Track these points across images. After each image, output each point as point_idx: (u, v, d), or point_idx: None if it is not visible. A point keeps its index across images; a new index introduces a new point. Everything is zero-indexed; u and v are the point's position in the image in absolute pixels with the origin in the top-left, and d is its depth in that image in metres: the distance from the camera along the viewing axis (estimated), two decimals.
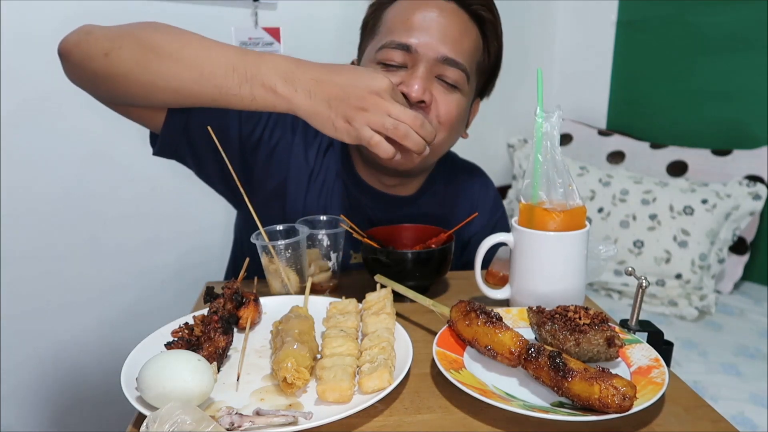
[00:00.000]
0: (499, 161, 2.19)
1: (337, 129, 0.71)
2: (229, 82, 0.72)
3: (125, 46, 0.73)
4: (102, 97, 0.82)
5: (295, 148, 0.98)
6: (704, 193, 1.69)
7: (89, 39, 0.76)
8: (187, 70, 0.73)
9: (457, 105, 0.89)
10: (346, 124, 0.71)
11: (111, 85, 0.76)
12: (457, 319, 0.64)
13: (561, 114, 0.70)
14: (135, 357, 0.61)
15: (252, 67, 0.72)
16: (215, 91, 0.73)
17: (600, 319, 0.60)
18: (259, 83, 0.71)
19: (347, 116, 0.70)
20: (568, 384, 0.52)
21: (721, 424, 0.54)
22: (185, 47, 0.73)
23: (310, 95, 0.71)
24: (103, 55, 0.74)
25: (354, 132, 0.70)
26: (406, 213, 1.02)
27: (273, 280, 0.81)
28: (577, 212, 0.71)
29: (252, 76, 0.72)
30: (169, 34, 0.75)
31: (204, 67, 0.72)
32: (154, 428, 0.46)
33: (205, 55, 0.73)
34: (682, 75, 2.01)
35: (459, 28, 0.88)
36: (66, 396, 1.36)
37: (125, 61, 0.73)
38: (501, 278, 0.87)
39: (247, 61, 0.72)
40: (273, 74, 0.71)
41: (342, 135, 0.71)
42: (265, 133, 0.95)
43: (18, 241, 1.24)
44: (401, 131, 0.70)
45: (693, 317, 1.59)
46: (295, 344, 0.59)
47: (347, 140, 0.72)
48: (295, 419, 0.51)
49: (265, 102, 0.72)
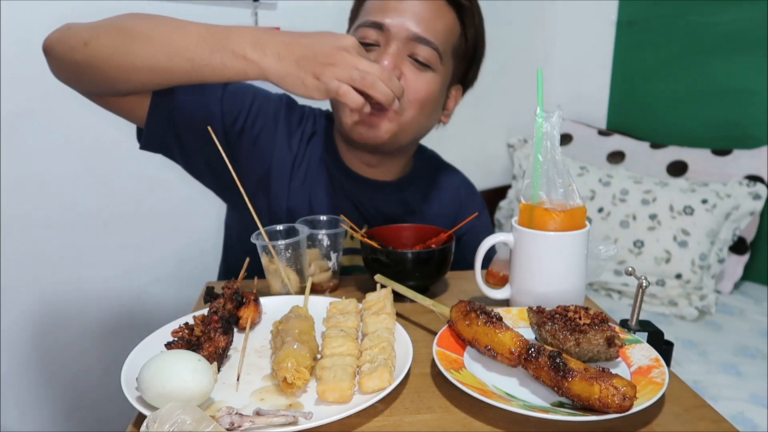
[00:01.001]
0: (499, 161, 2.19)
1: (306, 86, 0.73)
2: (201, 54, 0.75)
3: (102, 35, 0.77)
4: (86, 89, 0.84)
5: (278, 138, 0.99)
6: (704, 193, 1.69)
7: (69, 33, 0.80)
8: (161, 48, 0.76)
9: (428, 83, 0.91)
10: (315, 80, 0.72)
11: (92, 73, 0.79)
12: (457, 319, 0.64)
13: (561, 114, 0.70)
14: (135, 357, 0.61)
15: (222, 38, 0.75)
16: (188, 64, 0.75)
17: (600, 319, 0.60)
18: (230, 51, 0.74)
19: (315, 72, 0.72)
20: (568, 384, 0.52)
21: (721, 424, 0.54)
22: (157, 27, 0.77)
23: (279, 58, 0.73)
24: (83, 44, 0.77)
25: (323, 86, 0.72)
26: (390, 199, 1.03)
27: (273, 280, 0.81)
28: (577, 212, 0.71)
29: (222, 45, 0.74)
30: (143, 18, 0.79)
31: (176, 43, 0.76)
32: (154, 428, 0.46)
33: (176, 32, 0.76)
34: (682, 75, 2.01)
35: (433, 10, 0.91)
36: (66, 396, 1.36)
37: (104, 48, 0.77)
38: (501, 278, 0.87)
39: (217, 32, 0.76)
40: (242, 42, 0.74)
41: (312, 92, 0.73)
42: (248, 123, 0.96)
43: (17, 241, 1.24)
44: (369, 81, 0.72)
45: (693, 317, 1.59)
46: (295, 344, 0.59)
47: (317, 96, 0.74)
48: (295, 419, 0.51)
49: (236, 69, 0.75)
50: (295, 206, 0.98)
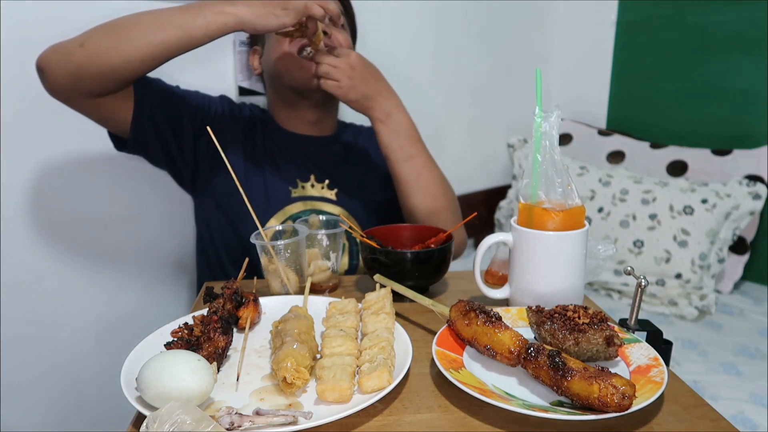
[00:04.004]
0: (498, 161, 2.19)
1: (277, 16, 0.90)
2: (186, 19, 0.89)
3: (95, 35, 0.89)
4: (87, 89, 0.92)
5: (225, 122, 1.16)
6: (704, 193, 1.68)
7: (61, 45, 0.90)
8: (151, 27, 0.89)
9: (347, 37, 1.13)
10: (283, 10, 0.90)
11: (94, 68, 0.89)
12: (456, 318, 0.65)
13: (560, 114, 0.70)
14: (135, 357, 0.61)
15: (198, 5, 0.90)
16: (178, 30, 0.89)
17: (599, 318, 0.60)
18: (209, 11, 0.89)
19: (282, 5, 0.90)
20: (568, 383, 0.52)
21: (720, 423, 0.54)
22: (141, 16, 0.91)
23: (248, 6, 0.89)
24: (79, 46, 0.88)
25: (292, 11, 0.90)
26: (332, 149, 1.22)
27: (272, 280, 0.82)
28: (575, 212, 0.71)
29: (200, 9, 0.90)
30: (125, 16, 0.91)
31: (162, 19, 0.89)
32: (154, 428, 0.46)
33: (159, 14, 0.90)
34: (682, 75, 2.01)
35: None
36: (66, 396, 1.36)
37: (100, 43, 0.89)
38: (500, 278, 0.87)
39: (193, 4, 0.91)
40: (216, 3, 0.90)
41: (283, 19, 0.90)
42: (207, 115, 1.13)
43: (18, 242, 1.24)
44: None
45: (693, 317, 1.59)
46: (294, 344, 0.59)
47: (288, 20, 0.91)
48: (295, 419, 0.51)
49: (218, 23, 0.89)
50: (248, 169, 1.13)
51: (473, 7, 1.89)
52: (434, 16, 1.83)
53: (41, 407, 1.34)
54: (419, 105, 1.26)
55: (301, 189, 1.15)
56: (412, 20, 1.78)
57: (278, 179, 1.15)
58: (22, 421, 1.32)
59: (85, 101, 0.94)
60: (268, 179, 1.14)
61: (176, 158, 1.11)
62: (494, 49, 2.01)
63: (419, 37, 1.81)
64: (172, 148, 1.09)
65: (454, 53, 1.92)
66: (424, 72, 1.84)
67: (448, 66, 1.91)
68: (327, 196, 1.17)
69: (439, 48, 1.88)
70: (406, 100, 1.10)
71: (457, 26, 1.89)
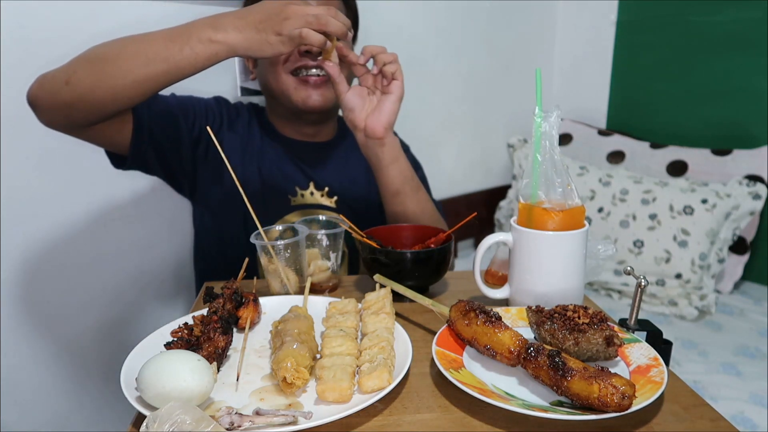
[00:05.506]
0: (498, 161, 2.19)
1: (272, 44, 0.82)
2: (172, 52, 0.82)
3: (78, 70, 0.84)
4: (79, 123, 0.90)
5: (224, 126, 1.15)
6: (704, 193, 1.69)
7: (46, 80, 0.86)
8: (135, 61, 0.82)
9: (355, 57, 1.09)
10: (278, 36, 0.81)
11: (82, 105, 0.85)
12: (456, 318, 0.65)
13: (560, 114, 0.70)
14: (135, 357, 0.61)
15: (184, 33, 0.83)
16: (165, 64, 0.82)
17: (599, 318, 0.60)
18: (196, 40, 0.82)
19: (275, 30, 0.81)
20: (568, 383, 0.52)
21: (720, 422, 0.54)
22: (124, 46, 0.84)
23: (239, 30, 0.82)
24: (65, 84, 0.83)
25: (286, 38, 0.81)
26: (333, 158, 1.20)
27: (272, 280, 0.82)
28: (575, 212, 0.71)
29: (187, 38, 0.82)
30: (108, 44, 0.86)
31: (147, 52, 0.82)
32: (154, 428, 0.46)
33: (143, 44, 0.83)
34: (682, 75, 2.01)
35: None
36: (66, 396, 1.36)
37: (84, 80, 0.83)
38: (500, 278, 0.87)
39: (178, 30, 0.83)
40: (203, 29, 0.82)
41: (278, 47, 0.82)
42: (204, 120, 1.11)
43: (18, 242, 1.24)
44: (323, 20, 0.82)
45: (693, 317, 1.59)
46: (294, 344, 0.59)
47: (285, 48, 0.82)
48: (295, 419, 0.51)
49: (207, 53, 0.82)
50: (247, 177, 1.11)
51: (473, 7, 1.89)
52: (434, 16, 1.83)
53: (41, 407, 1.34)
54: (419, 105, 1.26)
55: (300, 197, 1.14)
56: (412, 20, 1.78)
57: (277, 188, 1.14)
58: (22, 421, 1.32)
59: (83, 131, 0.93)
60: (266, 188, 1.13)
61: (175, 170, 1.11)
62: (494, 49, 2.02)
63: (419, 37, 1.81)
64: (171, 162, 1.08)
65: (454, 53, 1.92)
66: (425, 72, 1.84)
67: (448, 66, 1.91)
68: (326, 204, 1.16)
69: (439, 48, 1.88)
70: (406, 100, 1.10)
71: (457, 26, 1.89)
